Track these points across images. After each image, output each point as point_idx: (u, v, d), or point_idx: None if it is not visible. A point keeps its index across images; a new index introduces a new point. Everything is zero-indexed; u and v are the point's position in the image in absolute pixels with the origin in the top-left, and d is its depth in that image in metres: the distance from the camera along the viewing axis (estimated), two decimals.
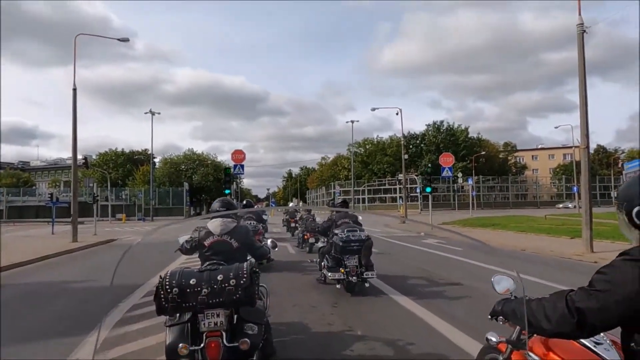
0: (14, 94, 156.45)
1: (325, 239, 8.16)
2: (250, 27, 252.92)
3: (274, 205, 62.09)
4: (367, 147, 78.37)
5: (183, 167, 63.48)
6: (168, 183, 59.94)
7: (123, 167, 69.73)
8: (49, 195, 29.97)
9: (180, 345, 3.02)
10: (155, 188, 55.58)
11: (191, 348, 3.06)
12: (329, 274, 7.32)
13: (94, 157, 70.64)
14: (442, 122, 75.24)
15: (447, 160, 23.83)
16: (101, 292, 7.67)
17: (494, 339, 2.40)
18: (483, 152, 69.62)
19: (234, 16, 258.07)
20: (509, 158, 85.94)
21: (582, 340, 2.03)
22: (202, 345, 3.07)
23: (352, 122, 61.51)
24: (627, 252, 1.51)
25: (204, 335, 3.10)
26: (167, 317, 3.18)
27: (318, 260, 8.18)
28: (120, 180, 66.00)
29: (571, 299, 1.53)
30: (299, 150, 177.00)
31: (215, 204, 4.29)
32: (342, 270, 7.04)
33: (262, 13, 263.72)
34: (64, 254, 14.35)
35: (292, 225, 17.00)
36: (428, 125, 76.00)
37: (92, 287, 8.30)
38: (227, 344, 3.09)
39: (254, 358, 3.21)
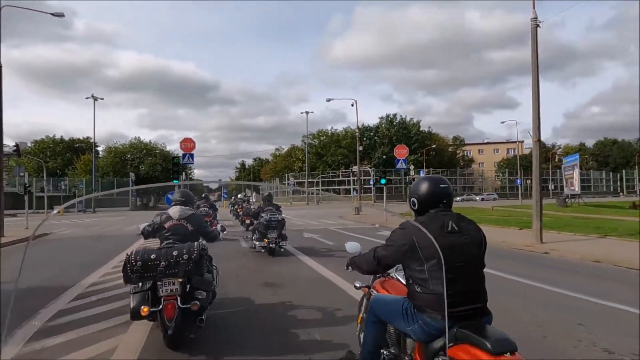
0: None
1: (255, 220, 11.11)
2: (202, 12, 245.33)
3: (225, 197, 61.08)
4: (322, 138, 78.19)
5: (129, 156, 60.23)
6: (112, 173, 56.91)
7: (62, 155, 65.37)
8: None
9: (142, 307, 3.82)
10: (99, 178, 52.59)
11: (151, 309, 3.86)
12: (257, 243, 10.54)
13: (28, 144, 65.56)
14: (394, 115, 76.50)
15: (401, 152, 23.89)
16: (23, 295, 6.70)
17: (358, 285, 3.52)
18: (434, 146, 71.48)
19: None
20: (458, 152, 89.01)
21: (399, 278, 3.06)
22: (160, 307, 3.87)
23: (307, 113, 61.35)
24: (403, 223, 2.54)
25: (162, 299, 3.89)
26: (132, 285, 4.01)
27: (251, 235, 11.25)
28: (60, 169, 61.86)
29: (376, 250, 2.70)
30: (251, 140, 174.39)
31: (176, 194, 5.04)
32: (266, 240, 10.08)
33: None
34: None
35: (240, 213, 18.86)
36: (381, 118, 77.04)
37: (12, 290, 7.27)
38: (181, 306, 3.90)
39: (203, 317, 4.14)
